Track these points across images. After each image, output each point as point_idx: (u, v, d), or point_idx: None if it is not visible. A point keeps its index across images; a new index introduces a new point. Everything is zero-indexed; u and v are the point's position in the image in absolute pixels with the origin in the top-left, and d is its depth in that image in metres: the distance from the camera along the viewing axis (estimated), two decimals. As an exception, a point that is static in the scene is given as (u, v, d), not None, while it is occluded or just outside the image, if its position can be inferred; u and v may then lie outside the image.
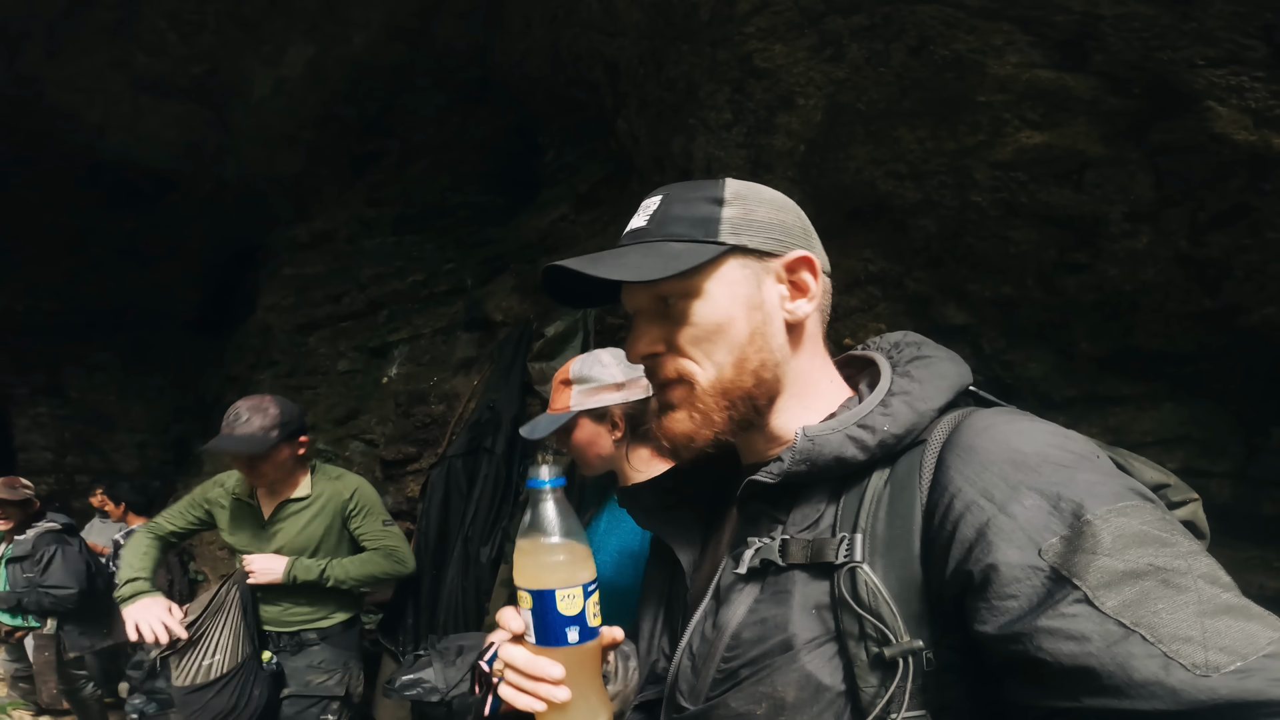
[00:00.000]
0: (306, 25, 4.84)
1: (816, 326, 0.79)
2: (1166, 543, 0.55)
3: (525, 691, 0.71)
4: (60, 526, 4.25)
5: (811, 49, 2.19)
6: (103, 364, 8.04)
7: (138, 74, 5.34)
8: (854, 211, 2.56)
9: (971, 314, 2.56)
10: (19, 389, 7.78)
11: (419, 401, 4.00)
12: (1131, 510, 0.57)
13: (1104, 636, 0.51)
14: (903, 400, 0.71)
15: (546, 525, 0.70)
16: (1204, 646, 0.49)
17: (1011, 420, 0.67)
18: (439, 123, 5.15)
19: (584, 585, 0.70)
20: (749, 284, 0.75)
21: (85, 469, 7.76)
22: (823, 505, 0.72)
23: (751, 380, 0.74)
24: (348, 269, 5.32)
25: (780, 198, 0.80)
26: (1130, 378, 2.36)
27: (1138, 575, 0.53)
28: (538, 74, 4.04)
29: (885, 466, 0.70)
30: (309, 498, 2.56)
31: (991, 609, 0.57)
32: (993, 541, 0.58)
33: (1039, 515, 0.58)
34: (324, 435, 4.55)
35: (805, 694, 0.65)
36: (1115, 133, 2.01)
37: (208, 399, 7.39)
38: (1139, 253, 2.15)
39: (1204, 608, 0.51)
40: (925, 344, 0.80)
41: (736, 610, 0.72)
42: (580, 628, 0.70)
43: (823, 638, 0.66)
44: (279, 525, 2.54)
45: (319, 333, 5.32)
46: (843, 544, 0.67)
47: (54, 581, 3.93)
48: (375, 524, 2.64)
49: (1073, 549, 0.55)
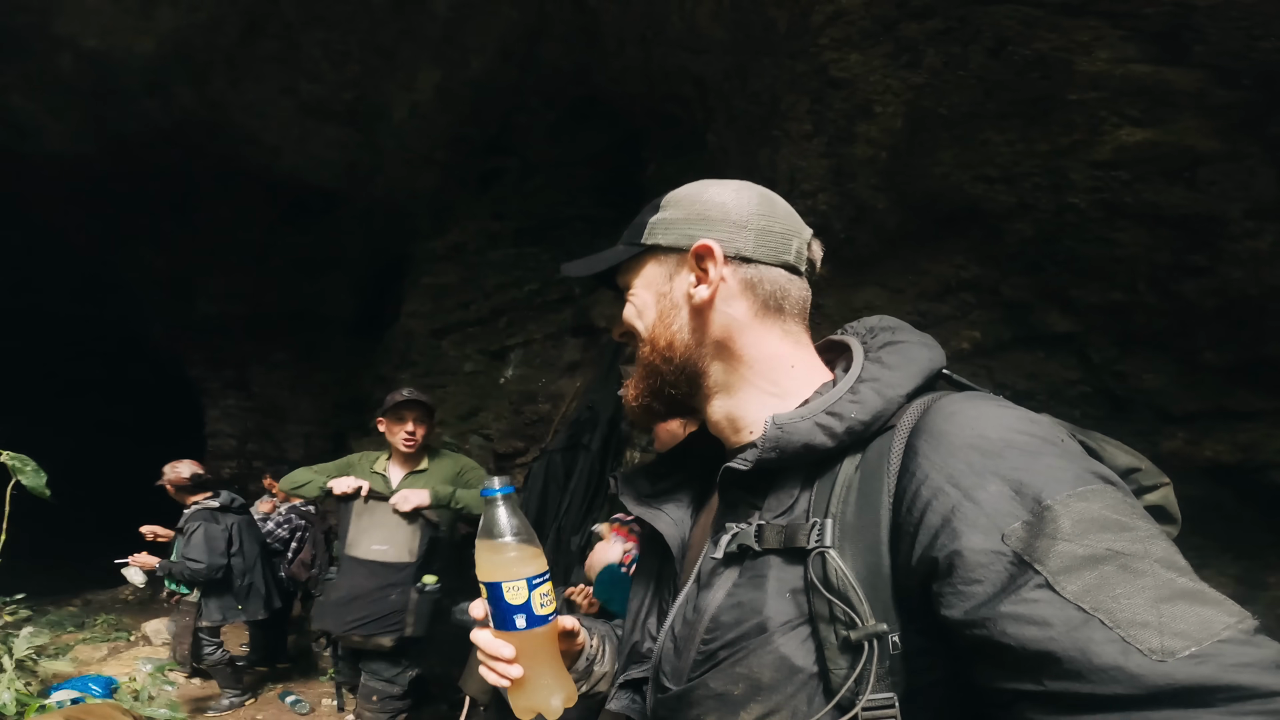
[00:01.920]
0: (432, 51, 5.26)
1: (752, 312, 0.81)
2: (1125, 527, 0.55)
3: (490, 669, 0.80)
4: (218, 505, 4.61)
5: (887, 56, 2.16)
6: (280, 362, 8.95)
7: (302, 100, 5.99)
8: (944, 217, 2.48)
9: (1077, 321, 2.40)
10: (212, 383, 8.84)
11: (529, 400, 4.27)
12: (1092, 494, 0.57)
13: (1065, 622, 0.52)
14: (871, 387, 0.73)
15: (497, 527, 0.79)
16: (1160, 632, 0.50)
17: (978, 405, 0.68)
18: (551, 140, 5.43)
19: (528, 579, 0.77)
20: (660, 278, 0.84)
21: (261, 455, 8.69)
22: (796, 491, 0.73)
23: (659, 358, 0.83)
24: (475, 278, 5.72)
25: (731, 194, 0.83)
26: (1262, 391, 2.13)
27: (1097, 560, 0.53)
28: (635, 91, 4.18)
29: (857, 452, 0.71)
30: (428, 470, 3.24)
31: (957, 594, 0.58)
32: (958, 528, 0.59)
33: (1002, 501, 0.59)
34: (449, 430, 4.96)
35: (780, 675, 0.67)
36: (1229, 126, 1.84)
37: (361, 395, 8.17)
38: (1264, 254, 1.95)
39: (1160, 593, 0.51)
40: (900, 328, 0.82)
41: (716, 594, 0.74)
42: (527, 615, 0.77)
43: (796, 620, 0.68)
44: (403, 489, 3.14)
45: (450, 337, 5.77)
46: (814, 529, 0.69)
47: (192, 555, 4.32)
48: (480, 472, 3.31)
49: (1034, 534, 0.56)
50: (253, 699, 4.86)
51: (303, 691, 5.02)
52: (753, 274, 0.81)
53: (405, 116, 5.85)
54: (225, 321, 8.65)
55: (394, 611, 3.04)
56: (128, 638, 6.42)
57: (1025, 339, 2.52)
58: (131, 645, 6.22)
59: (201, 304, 8.59)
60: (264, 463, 8.19)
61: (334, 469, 3.36)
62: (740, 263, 0.80)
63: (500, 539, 0.78)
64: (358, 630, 3.05)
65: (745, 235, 0.81)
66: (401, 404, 3.13)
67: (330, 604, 3.13)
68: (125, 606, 7.68)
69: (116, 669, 5.12)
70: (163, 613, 6.44)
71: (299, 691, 4.99)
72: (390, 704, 3.06)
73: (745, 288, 0.81)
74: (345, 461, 3.42)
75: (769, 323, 0.81)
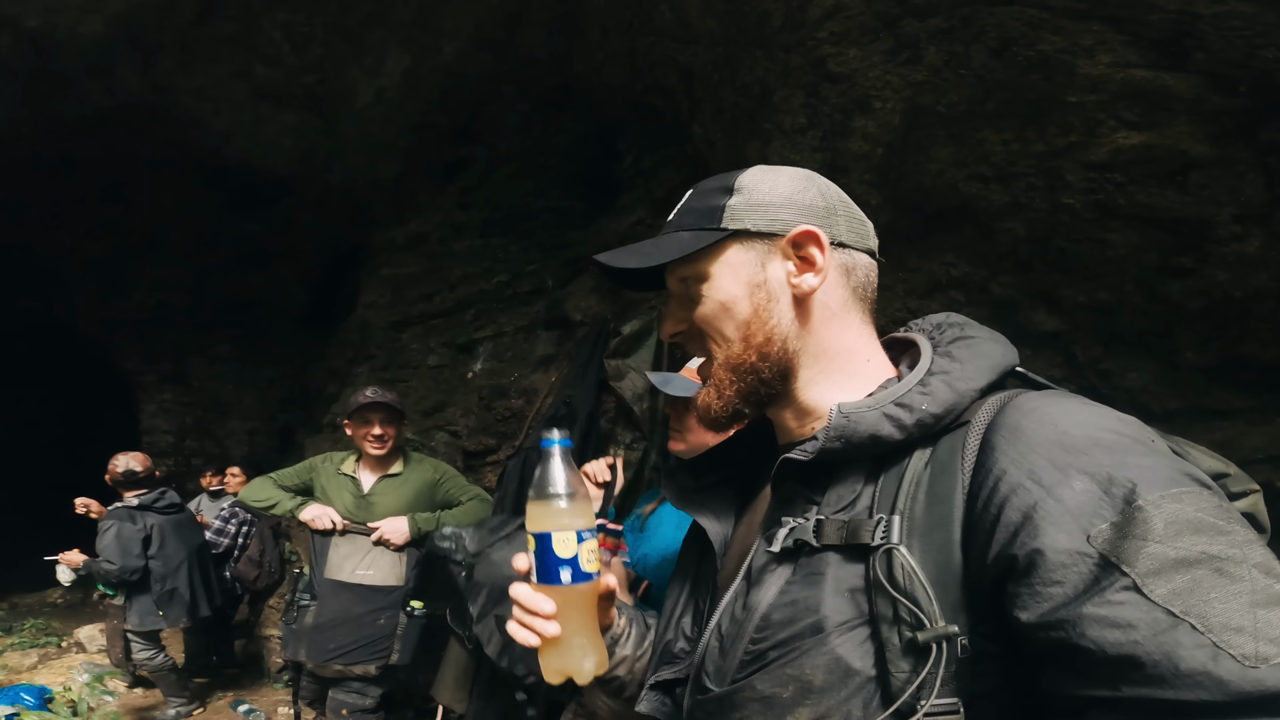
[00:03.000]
0: (402, 36, 5.11)
1: (843, 301, 0.78)
2: (1221, 530, 0.53)
3: (523, 625, 0.77)
4: (136, 504, 4.29)
5: (887, 52, 2.15)
6: (222, 355, 8.63)
7: (257, 84, 5.74)
8: (935, 215, 2.49)
9: (1064, 320, 2.45)
10: (148, 376, 8.43)
11: (500, 396, 4.16)
12: (1186, 496, 0.54)
13: (1151, 625, 0.50)
14: (942, 379, 0.70)
15: (551, 477, 0.77)
16: (1255, 637, 0.47)
17: (1060, 402, 0.65)
18: (523, 129, 5.32)
19: (578, 531, 0.76)
20: (751, 265, 0.77)
21: (201, 452, 8.34)
22: (859, 486, 0.70)
23: (756, 355, 0.76)
24: (439, 269, 5.57)
25: (803, 179, 0.80)
26: (1240, 390, 2.20)
27: (1189, 563, 0.51)
28: (616, 81, 4.12)
29: (926, 447, 0.68)
30: (403, 474, 3.07)
31: (1035, 595, 0.55)
32: (1039, 525, 0.56)
33: (1089, 499, 0.56)
34: (413, 426, 4.80)
35: (833, 678, 0.64)
36: (1222, 132, 1.89)
37: (311, 390, 7.90)
38: (1250, 257, 2.01)
39: (1257, 598, 0.49)
40: (968, 325, 0.78)
41: (768, 591, 0.71)
42: (573, 570, 0.75)
43: (855, 621, 0.65)
44: (377, 496, 3.01)
45: (412, 329, 5.60)
46: (879, 525, 0.66)
47: (103, 556, 4.07)
48: (460, 482, 3.20)
49: (1123, 535, 0.53)
50: (201, 708, 4.62)
51: (255, 700, 4.79)
52: (848, 260, 0.78)
53: (370, 102, 5.65)
54: (163, 312, 8.28)
55: (382, 637, 2.88)
56: (58, 643, 6.04)
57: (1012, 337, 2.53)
58: (63, 652, 5.85)
59: (138, 294, 8.20)
60: (203, 460, 7.85)
61: (294, 475, 3.14)
62: (837, 248, 0.77)
63: (553, 489, 0.77)
64: (340, 659, 2.86)
65: (837, 220, 0.78)
66: (365, 406, 2.93)
67: (307, 631, 2.89)
68: (54, 610, 7.24)
69: (49, 678, 4.81)
70: (96, 617, 6.09)
71: (251, 700, 4.76)
72: (362, 717, 2.92)
73: (841, 275, 0.78)
74: (307, 465, 3.18)
75: (853, 312, 0.79)
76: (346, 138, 6.18)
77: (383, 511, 2.99)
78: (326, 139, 6.27)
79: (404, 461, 3.13)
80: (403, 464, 3.11)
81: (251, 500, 3.06)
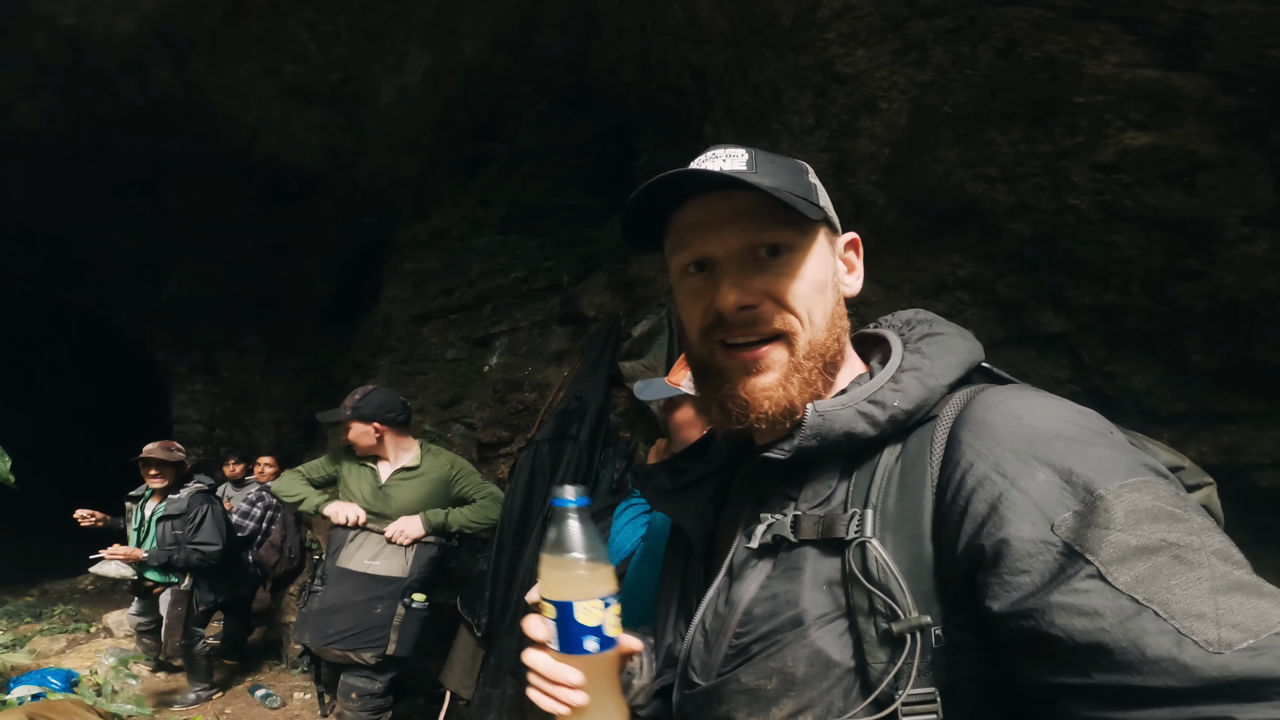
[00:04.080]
0: (423, 35, 5.19)
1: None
2: (1180, 519, 0.54)
3: (547, 695, 0.73)
4: (208, 487, 4.57)
5: (894, 53, 2.16)
6: (251, 347, 8.79)
7: (285, 82, 5.87)
8: (942, 215, 2.49)
9: (1069, 321, 2.43)
10: (179, 367, 8.64)
11: (514, 389, 4.23)
12: (1145, 486, 0.56)
13: (1116, 612, 0.51)
14: (913, 376, 0.71)
15: (570, 542, 0.72)
16: (1216, 623, 0.48)
17: (1023, 396, 0.67)
18: (541, 128, 5.38)
19: (603, 598, 0.72)
20: (830, 256, 0.77)
21: (229, 442, 8.51)
22: (834, 482, 0.72)
23: (836, 346, 0.75)
24: (459, 265, 5.65)
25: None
26: (1247, 394, 2.18)
27: (1151, 551, 0.52)
28: (630, 81, 4.15)
29: (897, 443, 0.70)
30: (418, 468, 3.18)
31: (1003, 584, 0.56)
32: (1005, 516, 0.58)
33: (1052, 490, 0.57)
34: (430, 418, 4.89)
35: (815, 669, 0.66)
36: (1230, 133, 1.87)
37: (335, 382, 8.04)
38: (1258, 259, 1.99)
39: (1217, 584, 0.50)
40: (937, 321, 0.80)
41: (749, 586, 0.73)
42: (599, 638, 0.71)
43: (833, 613, 0.66)
44: (393, 488, 3.13)
45: (431, 324, 5.69)
46: (853, 520, 0.67)
47: (203, 539, 4.23)
48: (475, 479, 3.30)
49: (1085, 524, 0.54)
50: (220, 693, 4.74)
51: (272, 684, 4.91)
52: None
53: (392, 100, 5.74)
54: (195, 305, 8.47)
55: (377, 626, 2.95)
56: (87, 629, 6.23)
57: (1018, 338, 2.55)
58: (91, 637, 6.04)
59: (170, 287, 8.40)
60: (231, 449, 8.02)
61: (321, 467, 3.32)
62: None
63: (572, 554, 0.72)
64: (338, 644, 2.95)
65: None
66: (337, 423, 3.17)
67: (312, 615, 3.03)
68: (84, 597, 7.46)
69: (76, 662, 4.96)
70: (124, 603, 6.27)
71: (268, 685, 4.89)
72: (371, 701, 3.00)
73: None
74: (333, 454, 3.35)
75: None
76: (370, 135, 6.29)
77: (398, 502, 3.10)
78: (351, 136, 6.37)
79: (421, 454, 3.22)
80: (419, 457, 3.21)
81: (284, 496, 3.22)
